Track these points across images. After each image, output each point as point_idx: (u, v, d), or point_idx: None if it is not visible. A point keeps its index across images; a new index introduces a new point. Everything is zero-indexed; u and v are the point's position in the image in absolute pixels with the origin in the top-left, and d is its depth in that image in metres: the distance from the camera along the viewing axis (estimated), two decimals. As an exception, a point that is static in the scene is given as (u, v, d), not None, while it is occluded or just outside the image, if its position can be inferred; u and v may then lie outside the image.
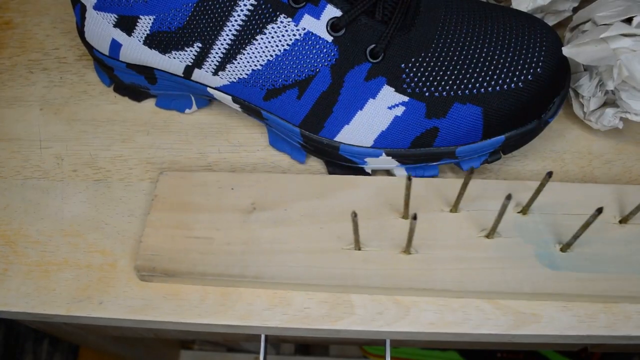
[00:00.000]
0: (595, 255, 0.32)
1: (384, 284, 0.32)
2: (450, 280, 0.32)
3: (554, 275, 0.32)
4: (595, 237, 0.33)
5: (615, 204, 0.34)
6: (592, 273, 0.32)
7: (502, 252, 0.32)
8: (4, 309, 0.34)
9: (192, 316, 0.33)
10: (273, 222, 0.34)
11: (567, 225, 0.33)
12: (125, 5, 0.34)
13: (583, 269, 0.32)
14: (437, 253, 0.33)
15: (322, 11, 0.33)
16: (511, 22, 0.34)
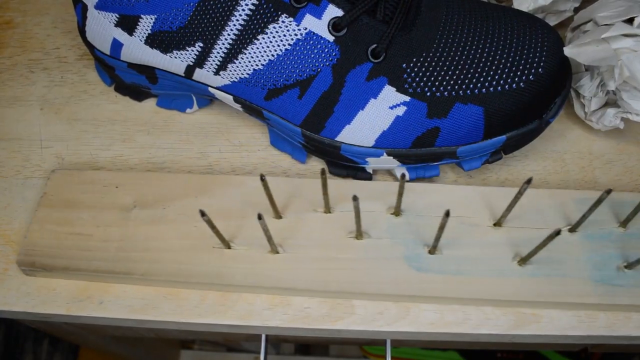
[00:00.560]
0: (463, 258, 0.32)
1: (248, 282, 0.32)
2: (315, 280, 0.32)
3: (420, 277, 0.32)
4: (467, 240, 0.33)
5: (490, 207, 0.34)
6: (458, 276, 0.32)
7: (371, 253, 0.33)
8: (4, 309, 0.34)
9: (192, 316, 0.33)
10: (151, 220, 0.34)
11: (434, 226, 0.33)
12: (126, 4, 0.34)
13: (449, 272, 0.32)
14: (305, 253, 0.33)
15: (324, 11, 0.33)
16: (512, 22, 0.34)
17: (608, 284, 0.32)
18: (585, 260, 0.32)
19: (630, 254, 0.32)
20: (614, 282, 0.32)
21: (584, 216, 0.32)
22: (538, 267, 0.32)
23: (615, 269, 0.32)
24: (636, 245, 0.33)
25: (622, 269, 0.32)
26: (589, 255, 0.33)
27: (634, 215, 0.32)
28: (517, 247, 0.33)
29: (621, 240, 0.33)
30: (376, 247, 0.33)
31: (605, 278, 0.32)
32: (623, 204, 0.34)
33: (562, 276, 0.32)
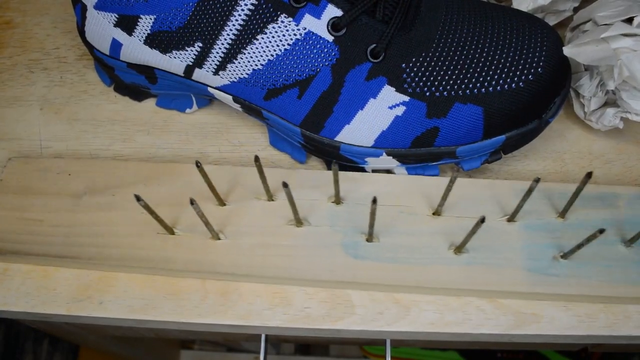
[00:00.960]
0: (400, 246, 0.33)
1: (189, 267, 0.33)
2: (253, 266, 0.33)
3: (356, 264, 0.32)
4: (405, 229, 0.33)
5: (431, 197, 0.34)
6: (394, 263, 0.32)
7: (310, 240, 0.33)
8: (4, 309, 0.34)
9: (192, 316, 0.33)
10: (100, 207, 0.35)
11: (380, 215, 0.33)
12: (125, 4, 0.34)
13: (385, 259, 0.33)
14: (245, 239, 0.33)
15: (323, 11, 0.33)
16: (512, 22, 0.34)
17: (542, 274, 0.32)
18: (521, 249, 0.33)
19: (568, 244, 0.32)
20: (548, 271, 0.32)
21: (519, 205, 0.32)
22: (473, 256, 0.33)
23: (550, 258, 0.32)
24: (574, 236, 0.33)
25: (558, 258, 0.32)
26: (525, 245, 0.33)
27: (569, 205, 0.32)
28: (455, 236, 0.33)
29: (559, 230, 0.33)
30: (315, 235, 0.33)
31: (540, 268, 0.32)
32: (564, 194, 0.34)
33: (497, 265, 0.32)
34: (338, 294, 0.34)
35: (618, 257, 0.33)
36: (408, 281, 0.32)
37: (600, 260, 0.32)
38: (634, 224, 0.32)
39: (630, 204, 0.34)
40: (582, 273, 0.32)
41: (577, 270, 0.32)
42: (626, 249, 0.33)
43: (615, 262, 0.32)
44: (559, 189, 0.34)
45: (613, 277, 0.32)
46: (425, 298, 0.33)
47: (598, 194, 0.34)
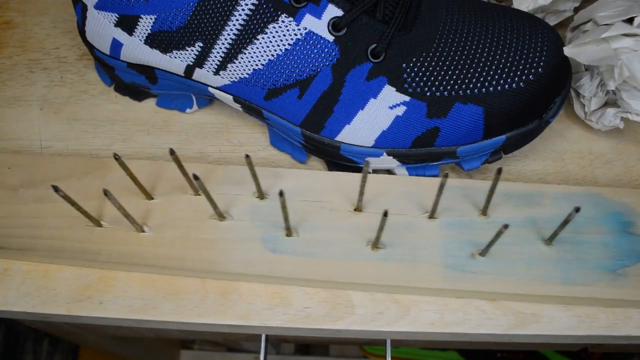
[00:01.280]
0: (319, 241, 0.33)
1: (112, 259, 0.34)
2: (173, 258, 0.33)
3: (273, 258, 0.33)
4: (325, 224, 0.34)
5: (353, 193, 0.34)
6: (310, 258, 0.33)
7: (230, 234, 0.34)
8: (4, 309, 0.34)
9: (192, 316, 0.33)
10: (34, 199, 0.35)
11: (301, 210, 0.34)
12: (126, 4, 0.34)
13: (302, 254, 0.33)
14: (168, 232, 0.34)
15: (324, 11, 0.33)
16: (512, 22, 0.34)
17: (459, 270, 0.32)
18: (440, 246, 0.33)
19: (487, 241, 0.32)
20: (465, 268, 0.32)
21: (435, 202, 0.32)
22: (391, 252, 0.33)
23: (469, 255, 0.33)
24: (494, 233, 0.33)
25: (476, 256, 0.32)
26: (444, 242, 0.33)
27: (487, 203, 0.33)
28: (374, 232, 0.32)
29: (481, 227, 0.33)
30: (235, 229, 0.34)
31: (457, 264, 0.32)
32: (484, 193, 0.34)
33: (414, 261, 0.32)
34: (338, 294, 0.34)
35: (538, 255, 0.33)
36: (324, 276, 0.32)
37: (519, 258, 0.33)
38: (558, 222, 0.32)
39: (556, 203, 0.34)
40: (500, 270, 0.32)
41: (494, 268, 0.32)
42: (546, 247, 0.33)
43: (534, 260, 0.32)
44: (484, 187, 0.34)
45: (531, 275, 0.32)
46: (424, 298, 0.33)
47: (525, 193, 0.35)
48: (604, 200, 0.34)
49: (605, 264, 0.32)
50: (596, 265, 0.32)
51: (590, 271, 0.32)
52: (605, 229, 0.33)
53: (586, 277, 0.32)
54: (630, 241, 0.33)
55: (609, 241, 0.33)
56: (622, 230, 0.33)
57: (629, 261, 0.32)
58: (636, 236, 0.33)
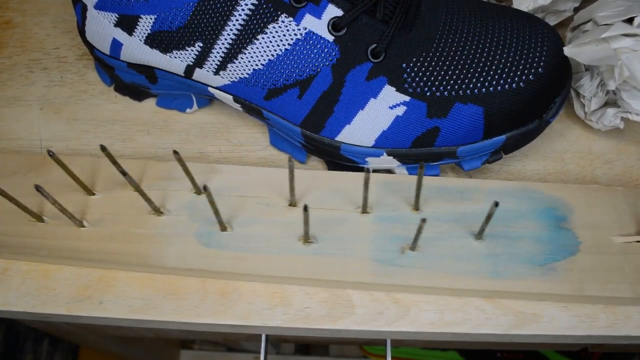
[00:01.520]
0: (252, 236, 0.34)
1: (53, 254, 0.34)
2: (110, 253, 0.34)
3: (206, 252, 0.33)
4: (260, 219, 0.34)
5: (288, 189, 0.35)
6: (242, 252, 0.33)
7: (167, 229, 0.34)
8: (4, 309, 0.34)
9: (192, 316, 0.33)
10: None
11: (237, 206, 0.34)
12: (126, 4, 0.34)
13: (235, 248, 0.33)
14: (108, 227, 0.34)
15: (324, 11, 0.33)
16: (512, 22, 0.34)
17: (388, 265, 0.32)
18: (371, 241, 0.33)
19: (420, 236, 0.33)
20: (394, 262, 0.32)
21: (364, 197, 0.32)
22: (322, 246, 0.33)
23: (398, 250, 0.33)
24: (426, 228, 0.33)
25: (406, 250, 0.33)
26: (376, 236, 0.33)
27: (417, 197, 0.33)
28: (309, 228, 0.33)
29: (412, 222, 0.33)
30: (172, 224, 0.34)
31: (387, 259, 0.33)
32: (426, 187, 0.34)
33: (344, 255, 0.33)
34: (338, 293, 0.34)
35: (468, 249, 0.33)
36: (253, 270, 0.33)
37: (450, 253, 0.33)
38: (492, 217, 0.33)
39: (490, 198, 0.34)
40: (429, 265, 0.32)
41: (423, 262, 0.32)
42: (477, 242, 0.33)
43: (464, 254, 0.33)
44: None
45: (460, 270, 0.32)
46: (425, 298, 0.33)
47: (459, 187, 0.35)
48: (539, 195, 0.34)
49: (536, 259, 0.32)
50: (526, 259, 0.32)
51: (520, 266, 0.32)
52: (538, 224, 0.33)
53: (515, 271, 0.32)
54: (562, 236, 0.33)
55: (541, 236, 0.33)
56: (555, 225, 0.33)
57: (560, 256, 0.33)
58: (568, 231, 0.33)
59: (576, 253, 0.33)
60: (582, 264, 0.32)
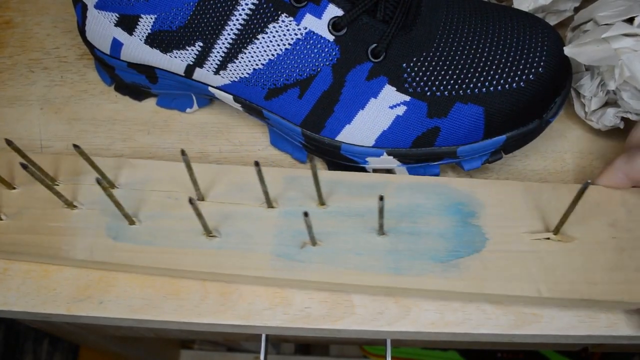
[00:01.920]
0: (159, 230, 0.34)
1: None
2: (27, 245, 0.34)
3: (114, 245, 0.34)
4: (169, 213, 0.34)
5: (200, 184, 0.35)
6: (147, 245, 0.34)
7: (79, 222, 0.35)
8: (5, 309, 0.34)
9: (192, 316, 0.33)
10: None
11: (148, 200, 0.35)
12: (126, 4, 0.34)
13: (141, 242, 0.34)
14: (25, 220, 0.35)
15: (324, 10, 0.33)
16: (512, 22, 0.34)
17: (289, 259, 0.32)
18: (274, 235, 0.33)
19: (323, 231, 0.33)
20: (295, 257, 0.32)
21: (264, 192, 0.32)
22: (226, 241, 0.33)
23: (300, 245, 0.33)
24: (330, 223, 0.33)
25: (308, 245, 0.33)
26: (280, 231, 0.33)
27: (319, 192, 0.32)
28: (214, 221, 0.34)
29: (317, 217, 0.33)
30: (84, 217, 0.35)
31: (288, 254, 0.32)
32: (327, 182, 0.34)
33: (247, 250, 0.33)
34: (339, 293, 0.34)
35: (371, 245, 0.32)
36: (157, 263, 0.33)
37: (352, 248, 0.32)
38: (398, 212, 0.33)
39: (399, 193, 0.34)
40: (330, 260, 0.32)
41: (324, 257, 0.32)
42: (380, 238, 0.33)
43: (366, 250, 0.32)
44: (331, 178, 0.35)
45: (360, 265, 0.32)
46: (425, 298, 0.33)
47: (368, 182, 0.34)
48: (449, 190, 0.34)
49: (438, 255, 0.32)
50: (429, 256, 0.32)
51: (421, 262, 0.32)
52: (445, 220, 0.33)
53: (416, 268, 0.32)
54: (468, 232, 0.33)
55: (446, 232, 0.33)
56: (462, 220, 0.33)
57: (463, 252, 0.32)
58: (475, 227, 0.33)
59: (481, 250, 0.32)
60: (486, 261, 0.32)
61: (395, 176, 0.35)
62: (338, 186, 0.34)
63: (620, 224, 0.32)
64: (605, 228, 0.32)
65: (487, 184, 0.34)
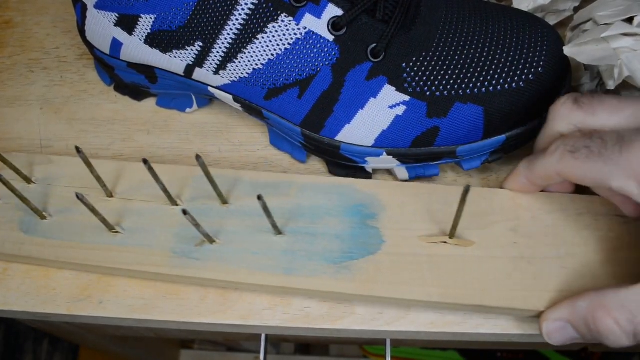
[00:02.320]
0: (69, 225, 0.35)
1: None
2: None
3: (25, 239, 0.35)
4: (80, 209, 0.34)
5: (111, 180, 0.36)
6: (55, 240, 0.34)
7: None
8: (4, 309, 0.34)
9: (192, 315, 0.33)
10: None
11: (62, 196, 0.35)
12: (126, 4, 0.34)
13: (50, 236, 0.34)
14: None
15: (323, 10, 0.33)
16: (512, 22, 0.34)
17: (185, 257, 0.33)
18: (175, 233, 0.34)
19: (224, 229, 0.33)
20: (191, 255, 0.33)
21: (164, 190, 0.33)
22: (129, 236, 0.34)
23: (199, 242, 0.33)
24: (231, 222, 0.33)
25: (205, 243, 0.33)
26: (180, 229, 0.34)
27: (218, 191, 0.33)
28: (121, 217, 0.34)
29: (219, 215, 0.34)
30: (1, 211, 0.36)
31: (185, 251, 0.33)
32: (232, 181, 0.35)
33: (148, 246, 0.33)
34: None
35: (267, 245, 0.33)
36: (63, 257, 0.34)
37: (248, 247, 0.33)
38: (298, 212, 0.33)
39: (301, 193, 0.34)
40: (225, 258, 0.32)
41: (220, 256, 0.33)
42: (276, 237, 0.33)
43: (262, 249, 0.33)
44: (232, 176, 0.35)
45: (256, 265, 0.32)
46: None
47: (273, 182, 0.35)
48: (352, 191, 0.34)
49: (332, 256, 0.32)
50: (322, 257, 0.32)
51: (314, 263, 0.32)
52: (344, 221, 0.33)
53: (309, 268, 0.32)
54: (366, 234, 0.33)
55: (343, 233, 0.33)
56: (361, 222, 0.33)
57: (358, 254, 0.32)
58: (373, 229, 0.33)
59: (376, 252, 0.32)
60: (379, 264, 0.32)
61: (299, 176, 0.35)
62: (242, 185, 0.35)
63: (523, 230, 0.32)
64: (506, 233, 0.32)
65: (392, 186, 0.34)
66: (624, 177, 0.27)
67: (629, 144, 0.27)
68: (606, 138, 0.28)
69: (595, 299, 0.27)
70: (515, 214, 0.33)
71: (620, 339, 0.27)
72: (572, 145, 0.29)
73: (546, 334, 0.29)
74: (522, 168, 0.33)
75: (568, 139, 0.29)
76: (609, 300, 0.27)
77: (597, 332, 0.27)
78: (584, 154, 0.28)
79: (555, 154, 0.29)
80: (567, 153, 0.29)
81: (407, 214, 0.33)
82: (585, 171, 0.28)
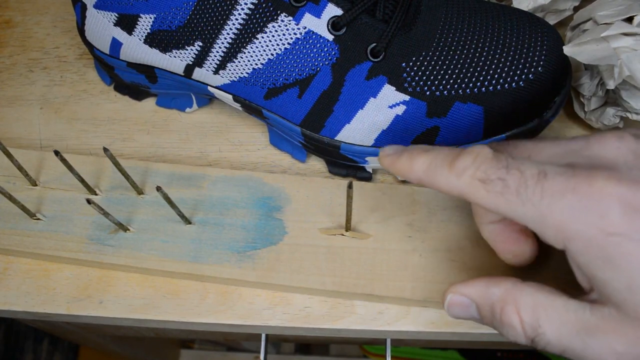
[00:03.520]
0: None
1: None
2: None
3: None
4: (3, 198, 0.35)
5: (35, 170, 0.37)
6: None
7: None
8: (5, 308, 0.34)
9: (192, 315, 0.33)
10: None
11: None
12: (125, 3, 0.34)
13: None
14: None
15: (323, 10, 0.33)
16: (512, 21, 0.34)
17: (100, 244, 0.34)
18: (92, 220, 0.35)
19: (136, 218, 0.35)
20: (106, 242, 0.35)
21: (80, 180, 0.34)
22: (49, 224, 0.35)
23: (114, 230, 0.35)
24: (145, 211, 0.35)
25: (120, 231, 0.35)
26: (97, 217, 0.35)
27: (129, 180, 0.34)
28: (42, 205, 0.36)
29: (134, 205, 0.35)
30: None
31: (101, 238, 0.35)
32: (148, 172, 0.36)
33: (64, 232, 0.35)
34: (338, 293, 0.34)
35: (177, 234, 0.34)
36: None
37: (160, 236, 0.34)
38: (209, 204, 0.35)
39: (213, 186, 0.36)
40: (137, 246, 0.34)
41: (133, 243, 0.34)
42: (186, 227, 0.35)
43: (172, 238, 0.34)
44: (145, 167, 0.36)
45: (164, 252, 0.34)
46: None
47: (188, 174, 0.36)
48: (261, 184, 0.36)
49: (236, 246, 0.34)
50: (227, 246, 0.34)
51: (220, 251, 0.34)
52: (251, 213, 0.35)
53: (214, 256, 0.34)
54: (270, 225, 0.34)
55: (249, 224, 0.35)
56: (267, 214, 0.35)
57: (260, 244, 0.34)
58: (277, 220, 0.35)
59: (277, 243, 0.34)
60: (280, 254, 0.33)
61: (213, 169, 0.37)
62: (158, 177, 0.36)
63: (419, 224, 0.34)
64: (402, 227, 0.34)
65: (298, 180, 0.36)
66: (541, 224, 0.24)
67: (550, 187, 0.23)
68: (526, 173, 0.24)
69: (511, 291, 0.26)
70: (412, 209, 0.35)
71: (518, 338, 0.26)
72: (484, 172, 0.25)
73: (447, 305, 0.28)
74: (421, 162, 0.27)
75: (479, 162, 0.25)
76: (523, 300, 0.26)
77: (500, 322, 0.26)
78: (498, 187, 0.24)
79: (463, 176, 0.25)
80: (477, 181, 0.25)
81: (311, 207, 0.35)
82: (498, 206, 0.24)
